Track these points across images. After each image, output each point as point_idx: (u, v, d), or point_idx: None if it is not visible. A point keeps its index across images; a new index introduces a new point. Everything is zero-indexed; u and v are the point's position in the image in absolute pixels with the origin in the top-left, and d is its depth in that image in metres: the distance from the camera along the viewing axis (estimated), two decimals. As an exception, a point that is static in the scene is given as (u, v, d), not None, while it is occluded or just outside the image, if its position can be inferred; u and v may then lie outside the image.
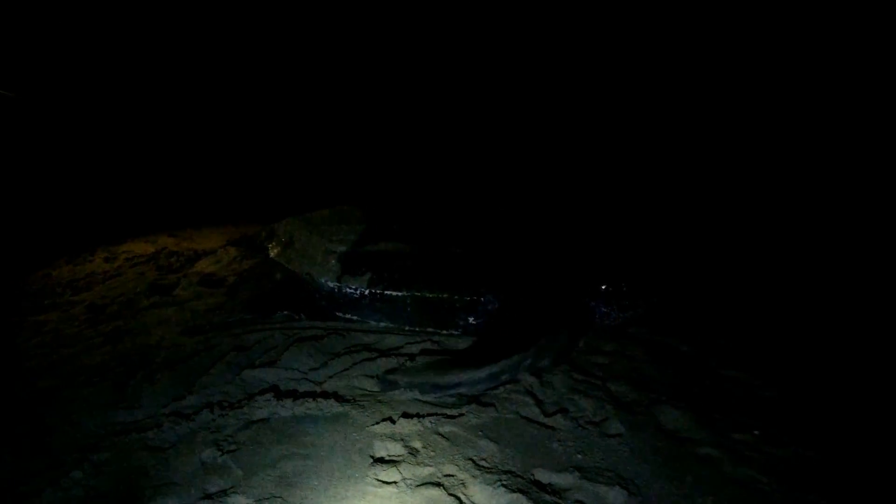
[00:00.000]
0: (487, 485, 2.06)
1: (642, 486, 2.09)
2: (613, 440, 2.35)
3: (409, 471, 2.15)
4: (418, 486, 2.08)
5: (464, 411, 2.52)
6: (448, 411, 2.53)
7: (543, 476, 2.13)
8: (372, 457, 2.25)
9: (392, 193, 6.13)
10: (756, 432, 2.49)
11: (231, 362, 3.01)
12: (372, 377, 2.81)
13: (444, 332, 3.39)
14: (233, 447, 2.34)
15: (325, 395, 2.66)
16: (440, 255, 3.53)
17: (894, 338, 3.46)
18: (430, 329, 3.42)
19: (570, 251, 3.79)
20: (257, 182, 7.89)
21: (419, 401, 2.63)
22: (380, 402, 2.61)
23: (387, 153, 9.21)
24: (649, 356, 3.09)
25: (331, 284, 3.60)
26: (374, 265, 3.56)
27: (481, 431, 2.38)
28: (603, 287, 3.43)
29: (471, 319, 3.33)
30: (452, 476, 2.12)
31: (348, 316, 3.60)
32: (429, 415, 2.48)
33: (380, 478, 2.13)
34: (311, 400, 2.59)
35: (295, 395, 2.66)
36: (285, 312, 3.62)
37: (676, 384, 2.84)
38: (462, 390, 2.68)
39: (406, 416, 2.47)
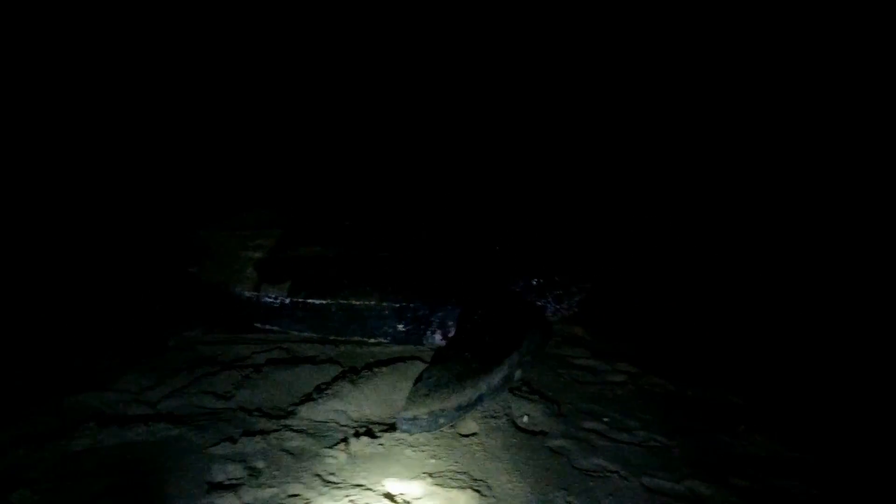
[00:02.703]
0: (334, 501, 1.94)
1: (494, 486, 2.05)
2: (467, 440, 2.31)
3: (249, 494, 1.99)
4: (258, 510, 1.92)
5: (310, 425, 2.38)
6: (295, 425, 2.38)
7: (395, 486, 2.04)
8: (209, 482, 2.06)
9: (313, 196, 5.77)
10: (606, 420, 2.54)
11: (52, 388, 2.68)
12: (212, 394, 2.59)
13: (373, 340, 3.22)
14: (48, 486, 2.07)
15: (159, 417, 2.42)
16: (364, 260, 3.35)
17: (760, 328, 3.68)
18: (356, 338, 3.24)
19: (499, 249, 3.65)
20: (167, 188, 7.02)
21: (264, 416, 2.45)
22: (221, 420, 2.41)
23: (310, 154, 8.64)
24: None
25: (248, 294, 3.33)
26: (294, 272, 3.33)
27: (330, 443, 2.25)
28: (535, 281, 3.42)
29: (400, 327, 3.18)
30: (297, 496, 1.98)
31: (268, 327, 3.36)
32: (274, 430, 2.31)
33: (216, 505, 1.94)
34: (141, 424, 2.35)
35: (123, 419, 2.39)
36: (200, 328, 3.35)
37: (531, 377, 2.86)
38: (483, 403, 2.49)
39: (248, 433, 2.29)
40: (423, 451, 2.23)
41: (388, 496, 1.99)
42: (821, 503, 2.14)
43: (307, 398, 2.56)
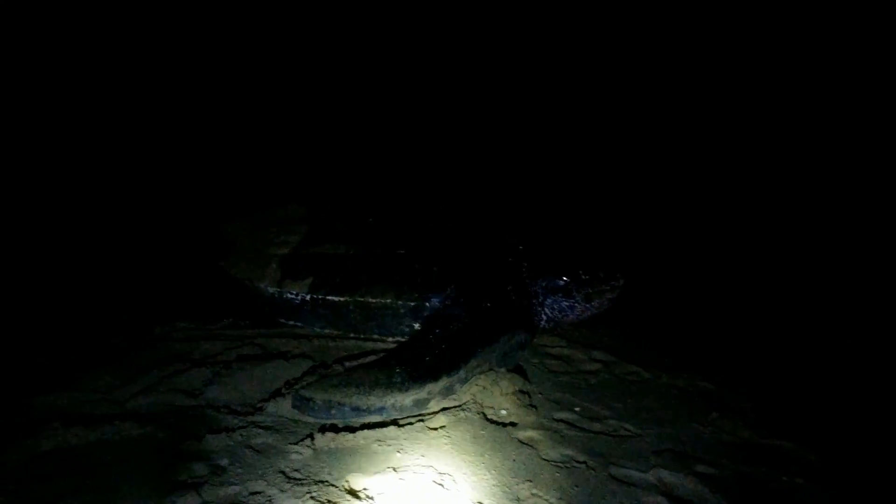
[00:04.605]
0: (296, 499, 1.93)
1: (458, 479, 2.04)
2: (435, 433, 2.29)
3: (210, 493, 1.97)
4: (219, 509, 1.90)
5: (277, 421, 2.36)
6: (261, 421, 2.36)
7: (358, 482, 2.02)
8: (172, 481, 2.04)
9: (340, 192, 5.80)
10: (577, 409, 2.52)
11: (22, 388, 2.66)
12: (182, 391, 2.57)
13: (391, 338, 3.23)
14: (12, 486, 2.05)
15: (126, 416, 2.39)
16: (383, 258, 3.36)
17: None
18: (375, 336, 3.25)
19: (520, 248, 3.57)
20: (202, 180, 7.03)
21: (231, 413, 2.43)
22: (188, 418, 2.39)
23: (341, 151, 8.66)
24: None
25: (271, 290, 3.35)
26: (315, 269, 3.35)
27: (296, 439, 2.24)
28: (561, 281, 3.33)
29: (416, 325, 3.17)
30: (259, 493, 1.97)
31: (291, 322, 3.39)
32: (240, 427, 2.30)
33: (177, 504, 1.93)
34: (108, 424, 2.32)
35: (90, 419, 2.37)
36: (229, 320, 3.39)
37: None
38: (384, 415, 2.43)
39: (214, 431, 2.27)
40: (389, 444, 2.22)
41: (352, 492, 1.97)
42: (788, 488, 2.14)
43: (276, 394, 2.55)
